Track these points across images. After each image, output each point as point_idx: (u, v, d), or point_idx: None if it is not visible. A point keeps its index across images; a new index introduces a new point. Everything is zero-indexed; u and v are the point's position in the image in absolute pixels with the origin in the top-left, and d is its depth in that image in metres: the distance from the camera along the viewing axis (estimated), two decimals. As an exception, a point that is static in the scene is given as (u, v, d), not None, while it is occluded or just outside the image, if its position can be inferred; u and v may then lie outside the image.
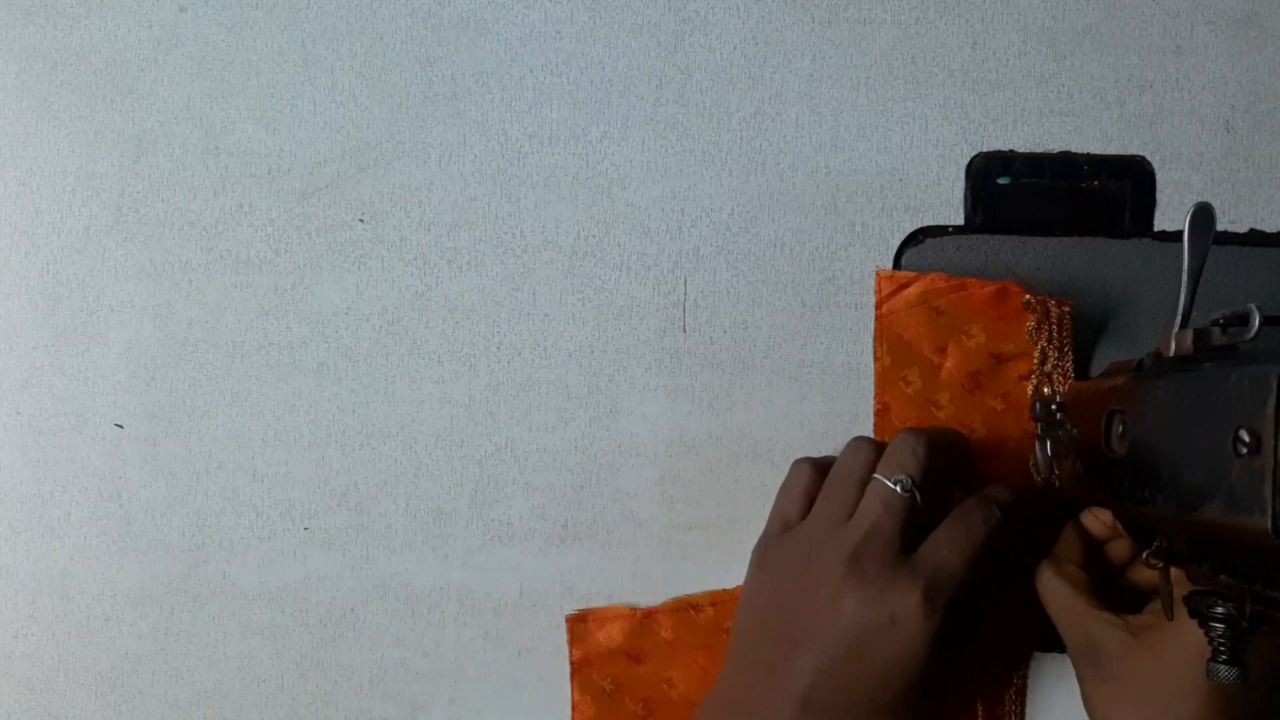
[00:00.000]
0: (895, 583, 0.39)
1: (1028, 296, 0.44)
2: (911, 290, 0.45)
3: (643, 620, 0.48)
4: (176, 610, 0.49)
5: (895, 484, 0.40)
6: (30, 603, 0.49)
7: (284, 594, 0.49)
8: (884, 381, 0.46)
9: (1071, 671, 0.43)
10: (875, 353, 0.46)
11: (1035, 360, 0.45)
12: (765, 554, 0.43)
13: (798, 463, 0.45)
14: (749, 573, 0.43)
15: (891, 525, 0.39)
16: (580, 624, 0.48)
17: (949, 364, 0.45)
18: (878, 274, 0.46)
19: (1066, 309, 0.45)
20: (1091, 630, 0.41)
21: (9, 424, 0.49)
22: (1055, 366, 0.45)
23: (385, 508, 0.48)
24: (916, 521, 0.40)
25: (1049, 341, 0.45)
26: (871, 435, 0.46)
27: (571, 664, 0.48)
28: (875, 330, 0.46)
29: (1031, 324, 0.44)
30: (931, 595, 0.39)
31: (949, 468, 0.42)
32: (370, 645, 0.49)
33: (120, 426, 0.49)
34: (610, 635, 0.48)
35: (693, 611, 0.47)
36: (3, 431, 0.49)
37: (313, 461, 0.48)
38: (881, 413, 0.46)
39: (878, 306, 0.46)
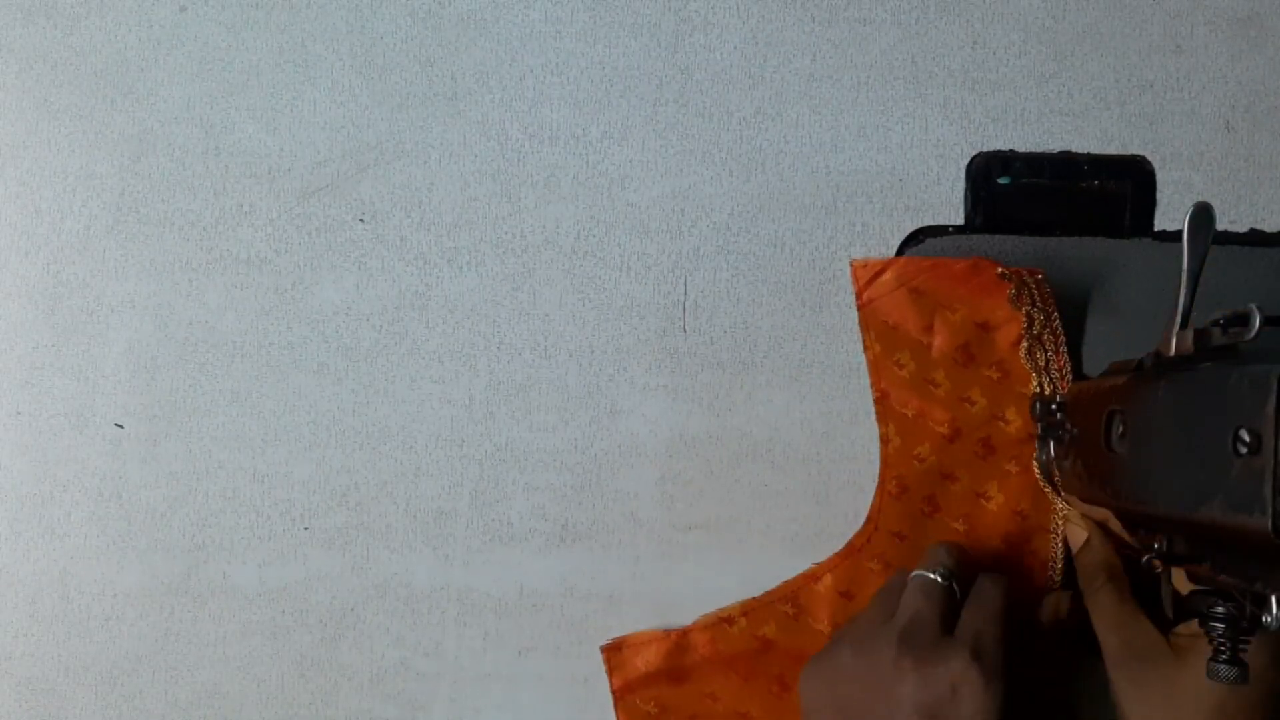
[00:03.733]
0: (945, 656, 0.40)
1: (1000, 269, 0.44)
2: (888, 275, 0.45)
3: (678, 641, 0.47)
4: (176, 610, 0.49)
5: (934, 574, 0.42)
6: (30, 603, 0.49)
7: (284, 594, 0.49)
8: (878, 369, 0.46)
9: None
10: (864, 342, 0.46)
11: (1023, 324, 0.45)
12: (818, 662, 0.43)
13: None
14: (802, 684, 0.43)
15: (932, 610, 0.41)
16: (616, 653, 0.48)
17: (938, 340, 0.45)
18: (852, 264, 0.46)
19: (1040, 277, 0.45)
20: (1136, 639, 0.41)
21: (9, 424, 0.49)
22: (1044, 328, 0.45)
23: (385, 508, 0.48)
24: (955, 609, 0.42)
25: (1033, 305, 0.44)
26: (875, 428, 0.46)
27: (613, 693, 0.48)
28: (860, 320, 0.46)
29: (1012, 291, 0.44)
30: (980, 658, 0.40)
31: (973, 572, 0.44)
32: (370, 645, 0.49)
33: (120, 426, 0.49)
34: (648, 660, 0.47)
35: (726, 625, 0.47)
36: (3, 431, 0.49)
37: (313, 461, 0.48)
38: (881, 400, 0.46)
39: (858, 296, 0.46)
